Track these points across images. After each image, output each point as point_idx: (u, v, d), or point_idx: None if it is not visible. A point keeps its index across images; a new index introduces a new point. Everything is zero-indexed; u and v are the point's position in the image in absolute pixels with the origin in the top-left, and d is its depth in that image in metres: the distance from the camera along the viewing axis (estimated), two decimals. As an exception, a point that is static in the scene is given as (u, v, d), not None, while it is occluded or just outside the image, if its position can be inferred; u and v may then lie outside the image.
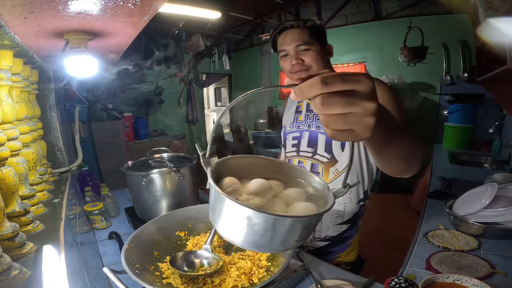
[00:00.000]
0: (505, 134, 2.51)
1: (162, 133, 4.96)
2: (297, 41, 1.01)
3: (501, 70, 1.20)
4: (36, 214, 0.75)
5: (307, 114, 1.12)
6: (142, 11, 0.62)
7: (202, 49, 4.81)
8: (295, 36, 1.01)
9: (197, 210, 1.01)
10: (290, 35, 1.02)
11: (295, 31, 1.02)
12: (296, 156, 1.12)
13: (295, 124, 1.14)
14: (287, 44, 1.02)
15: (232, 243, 0.44)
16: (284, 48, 1.03)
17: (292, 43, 1.01)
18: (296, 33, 1.01)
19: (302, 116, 1.13)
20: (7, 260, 0.47)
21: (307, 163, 1.08)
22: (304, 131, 1.11)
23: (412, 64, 3.49)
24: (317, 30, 1.03)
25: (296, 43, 1.01)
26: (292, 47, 1.01)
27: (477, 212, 1.07)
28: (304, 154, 1.10)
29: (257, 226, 0.39)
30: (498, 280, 0.80)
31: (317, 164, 1.06)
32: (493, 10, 1.07)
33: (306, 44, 1.00)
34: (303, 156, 1.10)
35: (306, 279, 0.83)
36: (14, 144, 0.69)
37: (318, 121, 1.07)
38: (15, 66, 0.77)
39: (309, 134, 1.09)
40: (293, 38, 1.01)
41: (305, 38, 1.01)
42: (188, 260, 0.79)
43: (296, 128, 1.14)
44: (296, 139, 1.12)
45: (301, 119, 1.13)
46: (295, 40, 1.01)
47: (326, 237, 1.09)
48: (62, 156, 1.34)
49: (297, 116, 1.15)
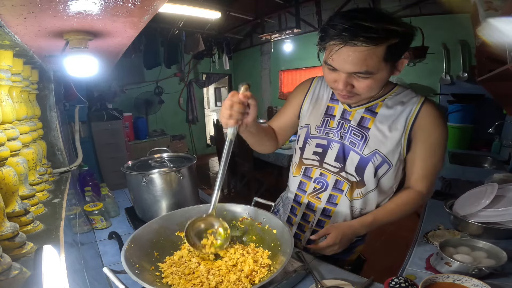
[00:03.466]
0: (505, 134, 2.51)
1: (162, 133, 4.96)
2: (358, 66, 0.71)
3: (501, 70, 1.20)
4: (36, 214, 0.75)
5: (341, 123, 0.91)
6: (142, 11, 0.62)
7: (202, 49, 4.81)
8: (357, 59, 0.70)
9: (197, 210, 1.00)
10: (350, 53, 0.70)
11: (362, 51, 0.69)
12: (318, 167, 0.94)
13: (324, 129, 0.93)
14: (339, 64, 0.74)
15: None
16: (334, 66, 0.76)
17: (347, 66, 0.73)
18: (361, 55, 0.69)
19: (335, 123, 0.92)
20: (7, 260, 0.47)
21: (331, 178, 0.92)
22: (334, 142, 0.91)
23: (412, 64, 3.49)
24: (400, 45, 0.71)
25: (355, 70, 0.73)
26: (346, 71, 0.74)
27: (477, 212, 1.07)
28: (329, 167, 0.92)
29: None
30: (498, 280, 0.80)
31: (342, 181, 0.90)
32: (493, 10, 1.07)
33: (368, 73, 0.73)
34: (327, 170, 0.93)
35: (306, 279, 0.83)
36: (14, 144, 0.69)
37: (354, 136, 0.88)
38: (15, 66, 0.77)
39: (340, 147, 0.90)
40: (354, 61, 0.71)
41: (371, 64, 0.71)
42: (197, 230, 0.83)
43: (324, 135, 0.93)
44: (321, 147, 0.93)
45: (332, 125, 0.92)
46: (355, 65, 0.71)
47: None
48: (62, 156, 1.34)
49: (328, 120, 0.93)
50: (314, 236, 0.90)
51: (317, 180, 0.95)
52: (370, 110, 0.88)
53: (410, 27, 0.73)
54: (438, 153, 0.85)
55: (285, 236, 0.81)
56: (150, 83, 5.08)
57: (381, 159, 0.85)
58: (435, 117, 0.83)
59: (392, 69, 0.77)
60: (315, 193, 0.96)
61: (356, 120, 0.89)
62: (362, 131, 0.87)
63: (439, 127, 0.84)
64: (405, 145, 0.85)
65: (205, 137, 6.38)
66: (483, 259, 0.86)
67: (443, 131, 0.84)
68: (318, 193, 0.95)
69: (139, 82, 4.93)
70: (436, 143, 0.84)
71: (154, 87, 5.11)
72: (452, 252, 0.90)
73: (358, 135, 0.87)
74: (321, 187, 0.94)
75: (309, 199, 0.98)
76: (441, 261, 0.86)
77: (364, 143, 0.86)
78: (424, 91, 3.61)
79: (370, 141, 0.86)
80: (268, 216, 0.92)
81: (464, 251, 0.91)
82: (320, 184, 0.94)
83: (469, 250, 0.91)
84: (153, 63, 4.79)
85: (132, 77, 4.79)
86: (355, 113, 0.89)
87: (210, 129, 5.68)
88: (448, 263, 0.83)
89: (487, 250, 0.90)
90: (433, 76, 3.49)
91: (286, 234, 0.81)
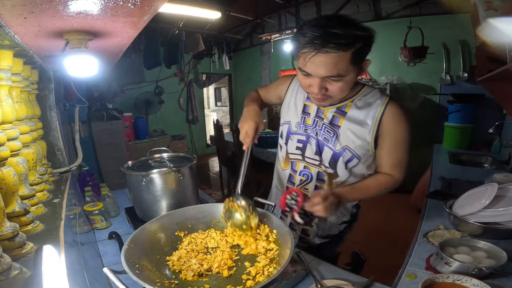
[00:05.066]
0: (505, 134, 2.51)
1: (162, 133, 4.96)
2: (330, 71, 0.78)
3: (501, 70, 1.20)
4: (36, 214, 0.75)
5: (316, 120, 0.99)
6: (142, 11, 0.62)
7: (202, 49, 4.81)
8: (329, 64, 0.76)
9: (197, 210, 1.01)
10: (322, 59, 0.76)
11: (333, 57, 0.75)
12: (302, 161, 1.04)
13: (302, 125, 1.02)
14: (312, 70, 0.80)
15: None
16: (308, 72, 0.82)
17: (320, 71, 0.79)
18: (332, 60, 0.76)
19: (311, 120, 1.00)
20: (7, 260, 0.47)
21: (314, 170, 1.02)
22: (311, 137, 1.00)
23: (412, 64, 3.50)
24: (364, 48, 0.79)
25: (327, 74, 0.79)
26: (319, 75, 0.80)
27: (477, 212, 1.06)
28: (311, 161, 1.02)
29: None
30: (498, 280, 0.80)
31: (323, 173, 1.01)
32: (493, 10, 1.07)
33: (339, 76, 0.79)
34: (309, 163, 1.03)
35: (306, 279, 0.83)
36: (14, 144, 0.69)
37: (327, 132, 0.97)
38: (15, 66, 0.77)
39: (316, 143, 0.99)
40: (326, 67, 0.77)
41: (341, 67, 0.77)
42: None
43: (303, 131, 1.02)
44: (301, 142, 1.03)
45: (309, 122, 1.01)
46: (327, 70, 0.78)
47: (328, 235, 1.11)
48: (62, 156, 1.34)
49: (305, 117, 1.02)
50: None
51: (302, 173, 1.05)
52: (341, 110, 0.96)
53: (371, 32, 0.80)
54: (401, 147, 0.95)
55: (285, 236, 0.81)
56: (150, 83, 5.07)
57: (351, 154, 0.95)
58: (398, 115, 0.92)
59: (359, 71, 0.84)
60: (302, 185, 1.05)
61: (328, 118, 0.97)
62: (334, 129, 0.96)
63: (402, 124, 0.92)
64: (373, 141, 0.94)
65: (205, 137, 6.38)
66: (483, 259, 0.86)
67: (405, 129, 0.93)
68: (305, 185, 1.05)
69: (139, 82, 4.93)
70: (399, 139, 0.94)
71: (154, 87, 5.11)
72: (452, 252, 0.90)
73: (331, 132, 0.97)
74: (306, 179, 1.04)
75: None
76: (441, 261, 0.86)
77: (336, 140, 0.96)
78: (424, 91, 3.61)
79: (340, 138, 0.95)
80: (268, 216, 0.92)
81: (464, 251, 0.91)
82: (305, 176, 1.04)
83: (469, 250, 0.91)
84: (153, 63, 4.79)
85: (132, 77, 4.79)
86: (327, 112, 0.98)
87: (210, 129, 5.67)
88: (448, 263, 0.83)
89: (487, 250, 0.89)
90: (433, 76, 3.49)
91: (286, 234, 0.81)
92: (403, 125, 0.92)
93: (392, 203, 3.53)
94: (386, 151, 0.95)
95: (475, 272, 0.79)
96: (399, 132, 0.93)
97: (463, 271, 0.79)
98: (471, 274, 0.78)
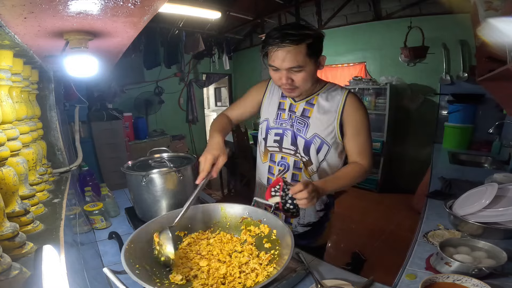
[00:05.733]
0: (505, 134, 2.51)
1: (162, 133, 4.96)
2: (291, 62, 0.95)
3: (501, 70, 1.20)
4: (36, 214, 0.75)
5: (290, 114, 1.14)
6: (142, 11, 0.62)
7: (202, 49, 4.80)
8: (289, 57, 0.94)
9: (196, 210, 1.01)
10: (283, 53, 0.94)
11: (290, 51, 0.93)
12: (279, 152, 1.17)
13: (278, 120, 1.16)
14: (278, 63, 0.97)
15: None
16: (276, 66, 0.98)
17: (284, 64, 0.96)
18: (290, 53, 0.94)
19: (286, 115, 1.15)
20: (7, 260, 0.47)
21: (290, 159, 1.14)
22: (287, 130, 1.14)
23: (412, 64, 3.50)
24: (315, 44, 0.96)
25: (289, 65, 0.95)
26: (284, 68, 0.96)
27: (477, 212, 1.07)
28: (287, 151, 1.15)
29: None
30: (498, 280, 0.80)
31: (299, 161, 1.13)
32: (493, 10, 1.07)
33: (300, 67, 0.96)
34: (286, 153, 1.15)
35: (306, 279, 0.83)
36: (14, 144, 0.69)
37: (299, 124, 1.11)
38: (15, 66, 0.77)
39: (291, 134, 1.12)
40: (287, 59, 0.95)
41: (299, 59, 0.94)
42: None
43: (279, 125, 1.16)
44: (278, 135, 1.16)
45: (284, 117, 1.15)
46: (288, 62, 0.95)
47: (309, 223, 1.20)
48: (62, 156, 1.34)
49: (280, 113, 1.16)
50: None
51: (280, 163, 1.17)
52: (309, 102, 1.12)
53: (319, 31, 1.00)
54: (363, 131, 1.08)
55: (285, 237, 0.81)
56: (150, 83, 5.07)
57: (320, 141, 1.09)
58: (357, 103, 1.08)
59: (317, 64, 1.01)
60: (280, 174, 1.17)
61: (300, 111, 1.13)
62: (304, 120, 1.11)
63: (360, 111, 1.07)
64: (338, 128, 1.08)
65: (205, 137, 6.38)
66: (483, 259, 0.86)
67: (363, 114, 1.08)
68: (283, 174, 1.16)
69: (139, 82, 4.93)
70: (359, 124, 1.07)
71: (154, 87, 5.10)
72: (452, 252, 0.90)
73: (302, 123, 1.11)
74: (284, 169, 1.16)
75: None
76: (441, 261, 0.86)
77: (306, 129, 1.10)
78: (424, 91, 3.61)
79: (310, 127, 1.10)
80: (268, 216, 0.92)
81: (464, 251, 0.91)
82: (282, 166, 1.16)
83: (469, 250, 0.91)
84: (153, 63, 4.78)
85: (132, 77, 4.78)
86: (298, 106, 1.13)
87: (210, 129, 5.66)
88: (448, 263, 0.83)
89: (487, 250, 0.90)
90: (433, 76, 3.49)
91: (286, 234, 0.81)
92: (361, 112, 1.07)
93: (392, 203, 3.54)
94: (350, 137, 1.08)
95: (475, 272, 0.79)
96: (358, 119, 1.07)
97: (463, 271, 0.79)
98: (471, 274, 0.78)
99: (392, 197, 3.71)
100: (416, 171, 3.36)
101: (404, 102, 3.71)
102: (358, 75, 4.01)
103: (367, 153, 1.09)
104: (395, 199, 3.64)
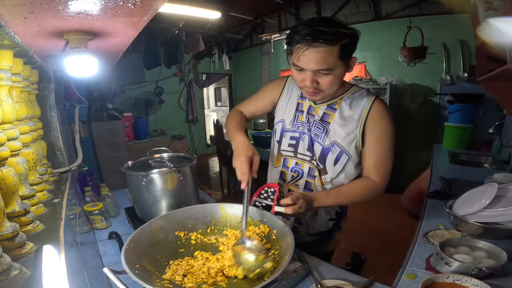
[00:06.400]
0: (505, 134, 2.51)
1: (162, 133, 4.96)
2: (320, 64, 0.84)
3: (501, 70, 1.20)
4: (36, 214, 0.75)
5: (308, 117, 1.04)
6: (142, 11, 0.62)
7: (202, 49, 4.80)
8: (319, 58, 0.83)
9: (197, 210, 1.01)
10: (313, 54, 0.83)
11: (321, 51, 0.82)
12: (294, 157, 1.08)
13: (295, 123, 1.06)
14: (304, 64, 0.86)
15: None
16: (301, 66, 0.87)
17: (312, 65, 0.85)
18: (321, 54, 0.82)
19: (304, 117, 1.04)
20: (7, 260, 0.47)
21: (305, 166, 1.05)
22: (304, 134, 1.04)
23: (412, 64, 3.49)
24: (350, 45, 0.86)
25: (317, 67, 0.85)
26: (311, 69, 0.86)
27: (477, 212, 1.06)
28: (302, 157, 1.05)
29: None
30: (498, 280, 0.80)
31: (314, 169, 1.04)
32: (493, 10, 1.06)
33: (329, 70, 0.85)
34: (301, 159, 1.06)
35: (306, 279, 0.83)
36: (14, 144, 0.69)
37: (318, 129, 1.02)
38: (15, 66, 0.77)
39: (308, 138, 1.03)
40: (316, 60, 0.83)
41: (330, 61, 0.83)
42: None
43: (296, 128, 1.06)
44: (294, 139, 1.06)
45: (302, 119, 1.05)
46: (317, 63, 0.84)
47: (318, 232, 1.15)
48: (62, 156, 1.34)
49: (298, 115, 1.06)
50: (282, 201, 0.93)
51: (293, 169, 1.08)
52: (331, 106, 1.01)
53: (355, 31, 0.88)
54: (384, 142, 0.97)
55: (285, 237, 0.81)
56: (150, 83, 5.07)
57: (339, 149, 0.99)
58: (382, 111, 0.96)
59: (346, 67, 0.90)
60: (293, 181, 1.09)
61: (319, 115, 1.02)
62: (324, 125, 1.01)
63: (384, 120, 0.96)
64: (360, 137, 0.98)
65: (205, 137, 6.38)
66: (483, 259, 0.86)
67: (388, 124, 0.96)
68: (296, 181, 1.08)
69: (139, 82, 4.93)
70: (381, 134, 0.96)
71: (154, 87, 5.11)
72: (452, 252, 0.90)
73: (321, 128, 1.01)
74: (297, 175, 1.08)
75: (289, 187, 1.10)
76: (441, 261, 0.86)
77: (325, 135, 1.00)
78: (424, 91, 3.61)
79: (330, 134, 1.00)
80: (268, 216, 0.92)
81: (464, 251, 0.91)
82: (296, 172, 1.08)
83: (469, 250, 0.91)
84: (153, 63, 4.79)
85: (132, 77, 4.79)
86: (318, 109, 1.03)
87: (210, 129, 5.67)
88: (448, 263, 0.83)
89: (487, 250, 0.89)
90: (433, 76, 3.48)
91: (286, 234, 0.81)
92: (386, 121, 0.96)
93: (392, 203, 3.54)
94: (368, 147, 0.98)
95: (475, 272, 0.79)
96: (382, 127, 0.96)
97: (463, 271, 0.79)
98: (471, 274, 0.78)
99: (392, 197, 3.69)
100: (416, 171, 3.36)
101: (404, 102, 3.71)
102: (358, 75, 4.01)
103: (384, 168, 0.98)
104: (395, 199, 3.63)
